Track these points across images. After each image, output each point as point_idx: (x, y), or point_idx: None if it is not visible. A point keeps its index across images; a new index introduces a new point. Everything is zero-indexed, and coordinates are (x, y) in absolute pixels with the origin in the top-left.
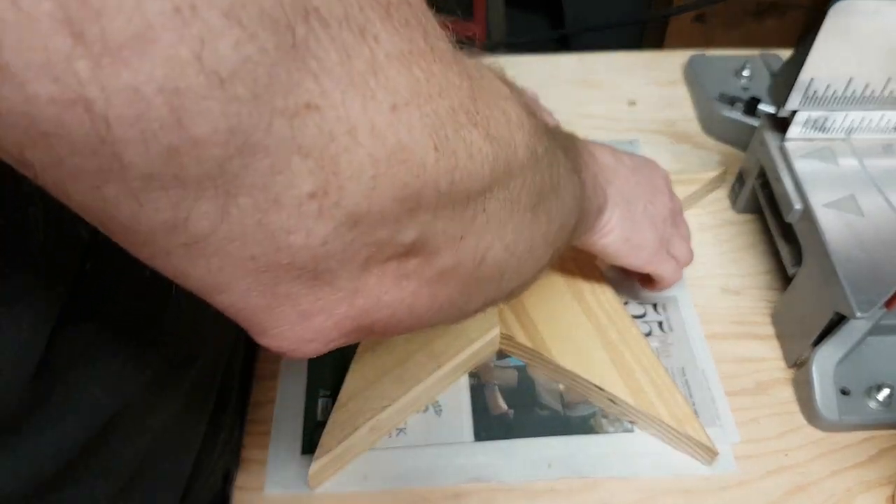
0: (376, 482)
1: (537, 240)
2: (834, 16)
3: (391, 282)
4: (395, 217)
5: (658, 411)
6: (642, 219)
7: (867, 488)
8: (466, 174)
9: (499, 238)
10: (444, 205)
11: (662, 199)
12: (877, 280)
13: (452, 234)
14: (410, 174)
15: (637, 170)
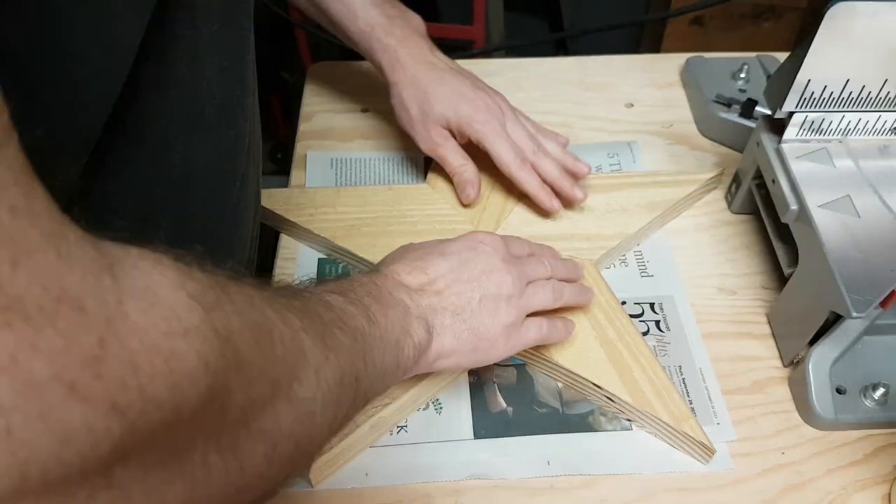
0: (377, 479)
1: (327, 431)
2: (831, 18)
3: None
4: None
5: (655, 409)
6: (482, 316)
7: (863, 486)
8: (58, 463)
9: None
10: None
11: (496, 276)
12: (872, 280)
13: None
14: None
15: (460, 263)
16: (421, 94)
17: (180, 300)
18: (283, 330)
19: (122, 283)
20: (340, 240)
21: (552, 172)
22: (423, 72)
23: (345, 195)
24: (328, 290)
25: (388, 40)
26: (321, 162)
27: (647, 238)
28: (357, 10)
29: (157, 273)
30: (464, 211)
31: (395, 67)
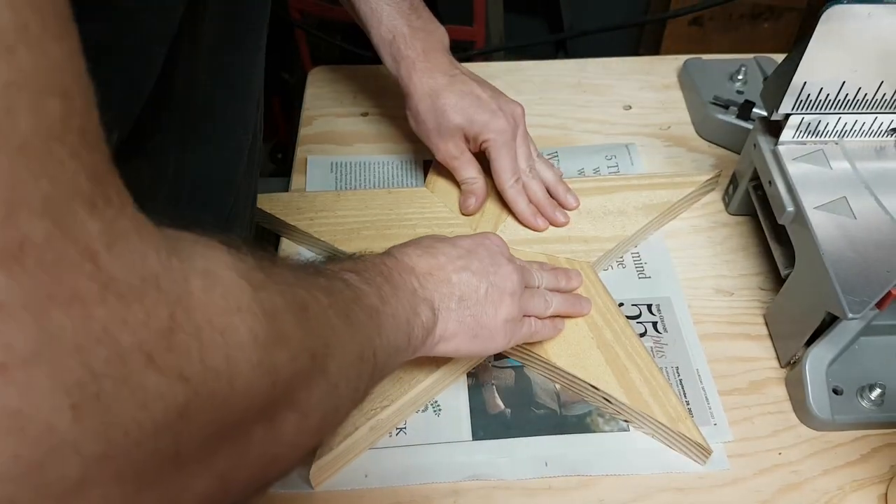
0: (377, 480)
1: (350, 403)
2: (827, 20)
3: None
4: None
5: (652, 410)
6: (485, 306)
7: (859, 487)
8: (136, 426)
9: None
10: (133, 466)
11: (503, 270)
12: (868, 281)
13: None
14: (26, 443)
15: (470, 253)
16: (437, 107)
17: (233, 280)
18: (315, 306)
19: (186, 263)
20: (340, 243)
21: (538, 195)
22: (441, 83)
23: (345, 199)
24: (345, 268)
25: (407, 52)
26: (321, 166)
27: (644, 240)
28: (382, 17)
29: (212, 254)
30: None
31: (411, 79)
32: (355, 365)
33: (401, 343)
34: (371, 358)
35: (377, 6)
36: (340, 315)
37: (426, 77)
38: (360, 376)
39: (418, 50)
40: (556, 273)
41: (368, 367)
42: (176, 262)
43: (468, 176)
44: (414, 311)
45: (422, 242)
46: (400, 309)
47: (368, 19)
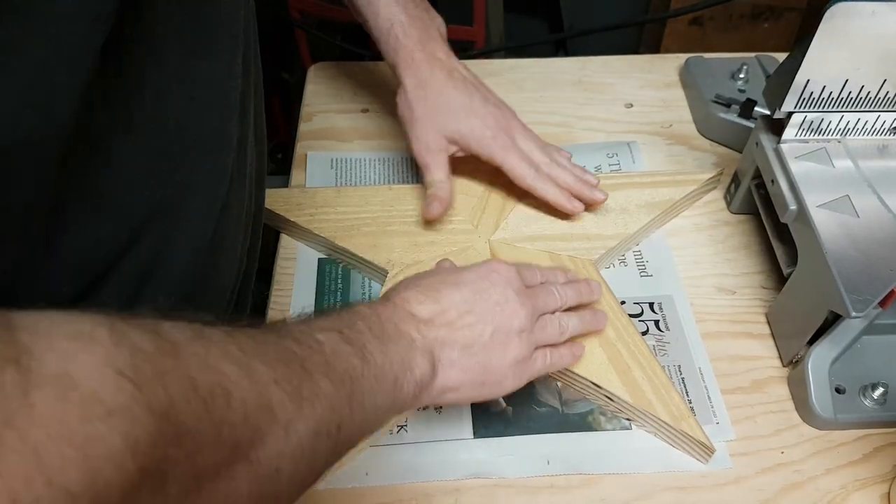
0: (378, 478)
1: (298, 484)
2: (830, 18)
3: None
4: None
5: (655, 409)
6: (492, 350)
7: (862, 486)
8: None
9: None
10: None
11: (510, 308)
12: (871, 280)
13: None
14: None
15: (475, 294)
16: (430, 100)
17: (106, 380)
18: (247, 387)
19: (28, 373)
20: (340, 240)
21: (569, 180)
22: (438, 78)
23: (345, 195)
24: (324, 326)
25: (405, 41)
26: (321, 162)
27: (646, 238)
28: (379, 7)
29: (80, 353)
30: (463, 211)
31: (409, 68)
32: (307, 444)
33: (382, 405)
34: (333, 432)
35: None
36: (291, 390)
37: (424, 68)
38: (316, 454)
39: (415, 39)
40: (577, 287)
41: (328, 443)
42: (11, 375)
43: (437, 178)
44: (406, 367)
45: (422, 283)
46: (388, 367)
47: (366, 11)
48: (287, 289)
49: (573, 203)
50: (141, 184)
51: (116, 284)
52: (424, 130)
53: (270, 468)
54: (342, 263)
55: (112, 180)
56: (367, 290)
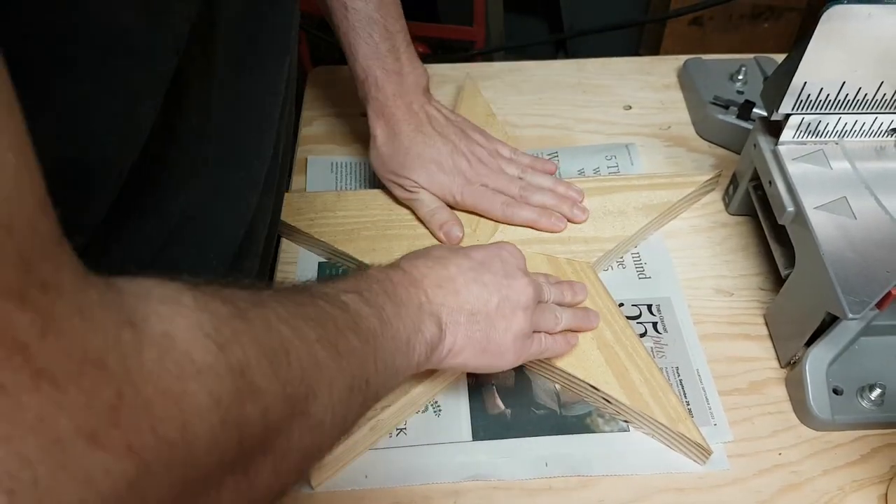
0: (377, 481)
1: (336, 435)
2: (827, 20)
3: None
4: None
5: (652, 411)
6: (496, 320)
7: (859, 487)
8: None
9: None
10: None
11: (518, 284)
12: (868, 281)
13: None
14: None
15: (483, 264)
16: (400, 155)
17: (196, 341)
18: (300, 346)
19: (141, 333)
20: (341, 244)
21: (546, 201)
22: (406, 132)
23: (345, 199)
24: (345, 288)
25: (376, 94)
26: (321, 166)
27: (644, 240)
28: (358, 55)
29: (175, 316)
30: (462, 215)
31: (378, 120)
32: (344, 398)
33: (400, 364)
34: (363, 387)
35: (355, 42)
36: (330, 348)
37: (393, 121)
38: (350, 407)
39: (388, 94)
40: (561, 287)
41: (359, 398)
42: (128, 335)
43: (427, 210)
44: (416, 329)
45: (432, 253)
46: (402, 329)
47: (347, 53)
48: None
49: (553, 221)
50: (179, 188)
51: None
52: (398, 186)
53: (318, 422)
54: (342, 267)
55: (156, 185)
56: None
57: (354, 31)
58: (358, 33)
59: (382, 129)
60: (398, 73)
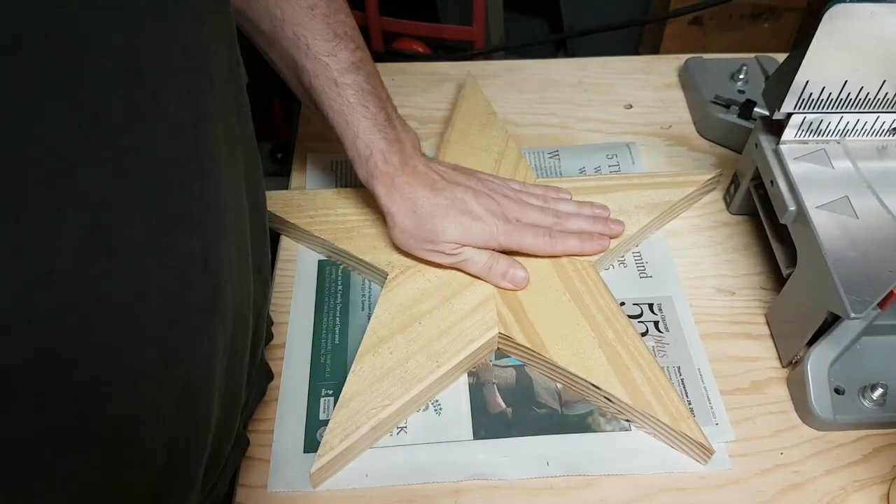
0: (377, 480)
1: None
2: (829, 19)
3: None
4: None
5: (654, 410)
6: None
7: (861, 487)
8: None
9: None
10: None
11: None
12: (870, 281)
13: None
14: None
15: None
16: (427, 223)
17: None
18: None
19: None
20: (341, 242)
21: (583, 226)
22: (424, 196)
23: (345, 197)
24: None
25: (385, 168)
26: (321, 164)
27: (645, 239)
28: (358, 132)
29: None
30: None
31: (392, 195)
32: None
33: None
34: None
35: (353, 120)
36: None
37: (407, 191)
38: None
39: (396, 164)
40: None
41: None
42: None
43: (482, 264)
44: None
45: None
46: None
47: (343, 131)
48: (287, 290)
49: (597, 243)
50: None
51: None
52: (437, 253)
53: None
54: (342, 265)
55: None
56: (368, 291)
57: (350, 106)
58: (354, 108)
59: (398, 203)
60: (398, 140)
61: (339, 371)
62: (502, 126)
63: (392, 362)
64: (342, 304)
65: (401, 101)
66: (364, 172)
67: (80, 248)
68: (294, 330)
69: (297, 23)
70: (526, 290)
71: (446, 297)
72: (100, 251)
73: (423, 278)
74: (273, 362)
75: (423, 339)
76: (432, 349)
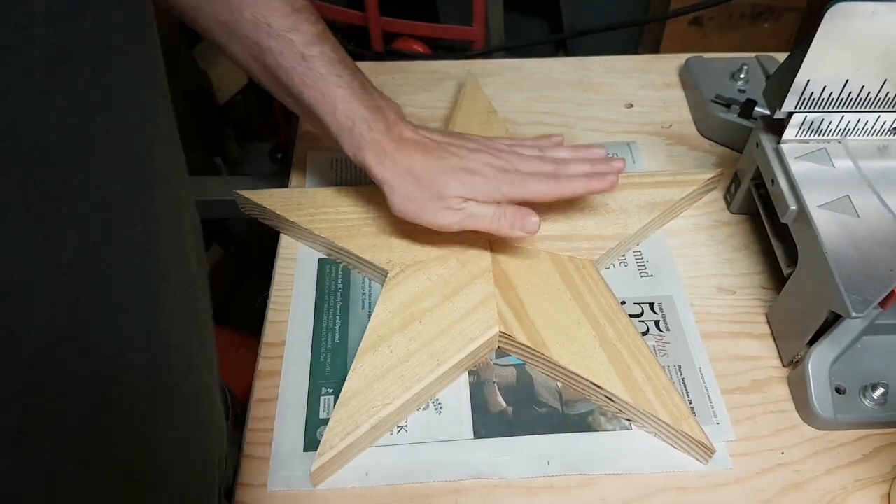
0: (377, 478)
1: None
2: (831, 18)
3: None
4: None
5: (655, 409)
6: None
7: (862, 486)
8: None
9: None
10: None
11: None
12: (871, 280)
13: None
14: None
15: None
16: (426, 183)
17: None
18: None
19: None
20: (341, 240)
21: (584, 168)
22: (417, 158)
23: (345, 195)
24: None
25: (372, 135)
26: (322, 162)
27: (646, 238)
28: (336, 102)
29: None
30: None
31: (384, 163)
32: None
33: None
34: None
35: (328, 91)
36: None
37: (399, 157)
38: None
39: (382, 130)
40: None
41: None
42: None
43: (489, 217)
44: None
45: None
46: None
47: (320, 105)
48: (287, 289)
49: (604, 180)
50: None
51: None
52: (444, 212)
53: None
54: (342, 263)
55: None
56: (368, 290)
57: (322, 78)
58: (326, 79)
59: (392, 169)
60: (378, 108)
61: (340, 369)
62: (503, 125)
63: (392, 361)
64: (342, 303)
65: (401, 100)
66: (350, 145)
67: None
68: (294, 328)
69: (253, 4)
70: (527, 288)
71: (447, 296)
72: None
73: (424, 276)
74: (273, 361)
75: (423, 337)
76: (433, 348)
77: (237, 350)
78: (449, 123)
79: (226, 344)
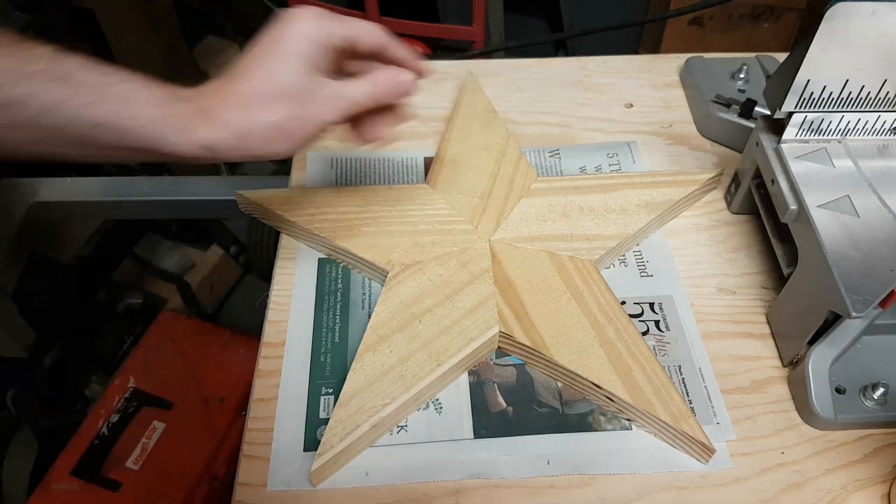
0: (378, 478)
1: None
2: (831, 18)
3: None
4: None
5: (655, 409)
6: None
7: (862, 486)
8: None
9: None
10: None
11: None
12: (872, 280)
13: None
14: None
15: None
16: (259, 76)
17: None
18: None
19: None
20: (341, 240)
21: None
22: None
23: (345, 195)
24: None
25: (191, 93)
26: (322, 162)
27: (646, 238)
28: (141, 99)
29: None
30: (464, 211)
31: (202, 122)
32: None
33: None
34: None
35: (125, 94)
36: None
37: (219, 105)
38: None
39: (199, 90)
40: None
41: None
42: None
43: (365, 92)
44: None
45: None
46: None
47: (116, 113)
48: (287, 289)
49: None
50: None
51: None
52: (318, 93)
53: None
54: (342, 263)
55: None
56: (368, 289)
57: (105, 86)
58: (111, 85)
59: (233, 108)
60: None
61: (339, 369)
62: (503, 125)
63: (392, 361)
64: (342, 303)
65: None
66: (163, 129)
67: None
68: (294, 328)
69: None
70: (526, 289)
71: (447, 296)
72: None
73: (424, 276)
74: (273, 360)
75: (423, 337)
76: (433, 347)
77: (237, 350)
78: (449, 124)
79: (226, 344)
